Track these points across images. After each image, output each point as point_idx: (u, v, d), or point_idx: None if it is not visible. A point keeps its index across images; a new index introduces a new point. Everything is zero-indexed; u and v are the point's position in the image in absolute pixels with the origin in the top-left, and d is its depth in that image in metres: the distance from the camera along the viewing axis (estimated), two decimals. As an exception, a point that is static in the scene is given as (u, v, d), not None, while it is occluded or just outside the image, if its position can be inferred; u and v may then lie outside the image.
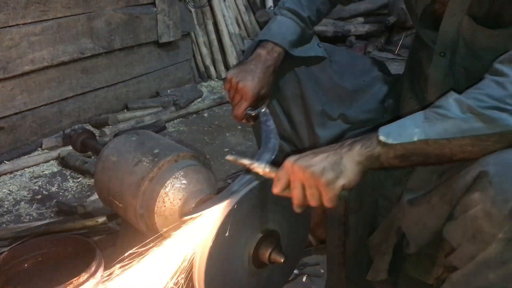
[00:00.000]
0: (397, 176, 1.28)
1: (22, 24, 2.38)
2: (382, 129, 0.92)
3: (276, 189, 1.00)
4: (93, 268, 1.13)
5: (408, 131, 0.89)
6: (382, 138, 0.90)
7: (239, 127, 2.83)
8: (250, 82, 1.27)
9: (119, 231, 1.63)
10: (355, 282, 1.42)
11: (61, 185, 2.20)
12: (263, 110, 1.30)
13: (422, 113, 0.91)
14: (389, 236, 1.27)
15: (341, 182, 0.93)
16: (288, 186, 0.99)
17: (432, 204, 1.06)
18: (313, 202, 0.96)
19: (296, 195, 0.97)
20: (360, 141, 0.94)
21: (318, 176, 0.93)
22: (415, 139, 0.89)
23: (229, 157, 1.09)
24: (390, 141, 0.90)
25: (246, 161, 1.07)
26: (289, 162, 0.98)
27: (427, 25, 1.23)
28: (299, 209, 0.99)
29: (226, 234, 1.03)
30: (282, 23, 1.35)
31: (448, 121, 0.88)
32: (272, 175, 1.02)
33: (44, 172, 2.30)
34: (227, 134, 2.75)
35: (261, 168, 1.04)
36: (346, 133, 1.43)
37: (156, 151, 1.26)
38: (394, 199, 1.29)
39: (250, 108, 1.30)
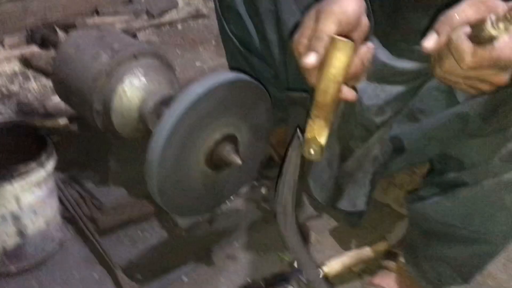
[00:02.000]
0: (380, 105, 1.24)
1: None
2: None
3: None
4: (42, 158, 1.10)
5: None
6: None
7: (213, 42, 2.74)
8: None
9: (78, 132, 1.60)
10: (317, 201, 1.41)
11: (22, 85, 2.11)
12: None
13: None
14: (364, 165, 1.25)
15: None
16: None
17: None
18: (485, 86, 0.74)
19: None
20: None
21: None
22: None
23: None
24: None
25: None
26: None
27: None
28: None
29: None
30: None
31: None
32: None
33: (5, 71, 2.21)
34: (201, 49, 2.66)
35: None
36: None
37: (115, 46, 1.20)
38: (373, 129, 1.26)
39: None
